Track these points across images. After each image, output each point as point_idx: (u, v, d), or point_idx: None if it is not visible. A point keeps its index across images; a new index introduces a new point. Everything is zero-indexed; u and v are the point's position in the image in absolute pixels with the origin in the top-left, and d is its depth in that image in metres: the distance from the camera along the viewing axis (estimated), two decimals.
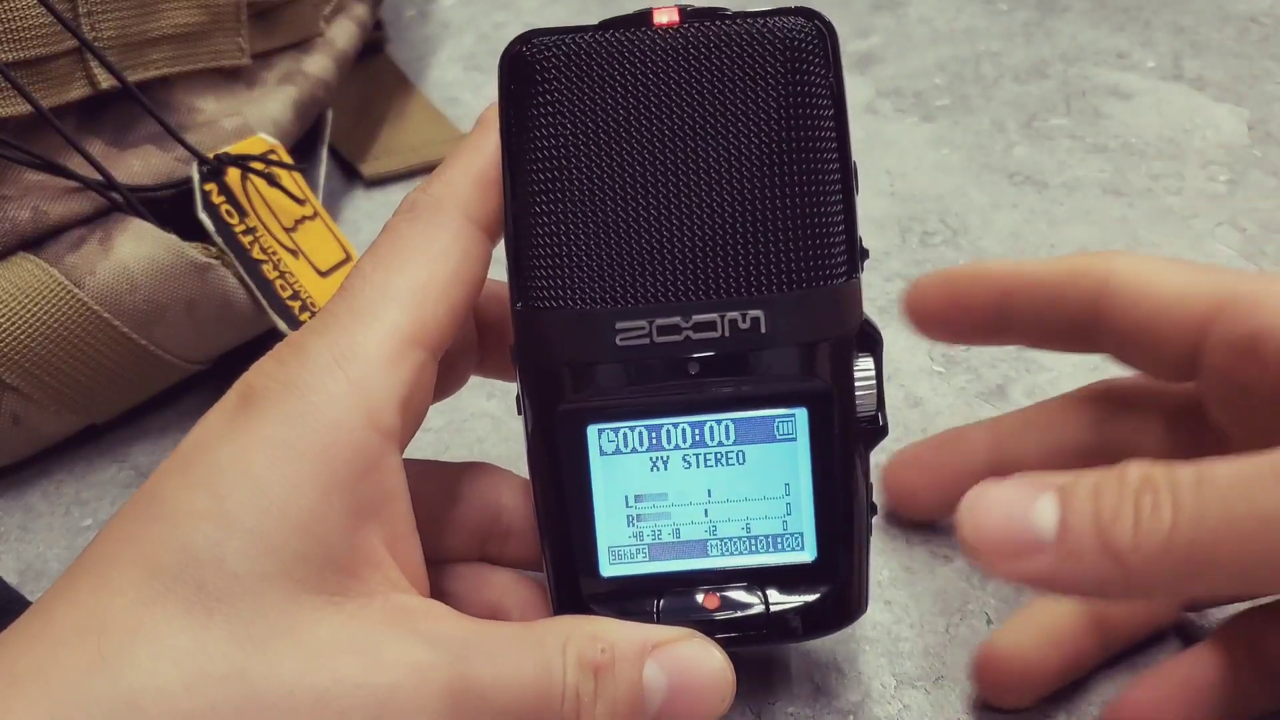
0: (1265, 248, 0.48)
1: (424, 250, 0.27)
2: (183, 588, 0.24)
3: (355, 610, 0.25)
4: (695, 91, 0.27)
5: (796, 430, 0.28)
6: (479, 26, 0.64)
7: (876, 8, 0.64)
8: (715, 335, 0.27)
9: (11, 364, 0.36)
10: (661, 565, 0.29)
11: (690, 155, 0.27)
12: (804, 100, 0.27)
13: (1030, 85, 0.58)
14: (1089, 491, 0.24)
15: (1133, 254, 0.31)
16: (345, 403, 0.25)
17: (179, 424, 0.42)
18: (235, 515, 0.24)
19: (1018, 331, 0.32)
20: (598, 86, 0.27)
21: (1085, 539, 0.24)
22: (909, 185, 0.52)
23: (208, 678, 0.23)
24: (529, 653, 0.25)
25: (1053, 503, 0.24)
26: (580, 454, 0.28)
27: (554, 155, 0.27)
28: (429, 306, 0.27)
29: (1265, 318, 0.28)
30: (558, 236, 0.27)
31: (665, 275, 0.27)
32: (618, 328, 0.27)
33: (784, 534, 0.29)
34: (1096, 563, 0.24)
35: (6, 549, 0.38)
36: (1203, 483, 0.23)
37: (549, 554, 0.29)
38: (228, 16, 0.42)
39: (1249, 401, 0.29)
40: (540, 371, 0.28)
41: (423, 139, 0.55)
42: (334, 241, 0.44)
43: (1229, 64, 0.58)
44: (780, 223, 0.27)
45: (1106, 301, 0.31)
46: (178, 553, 0.24)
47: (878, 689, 0.33)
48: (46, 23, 0.36)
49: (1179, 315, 0.30)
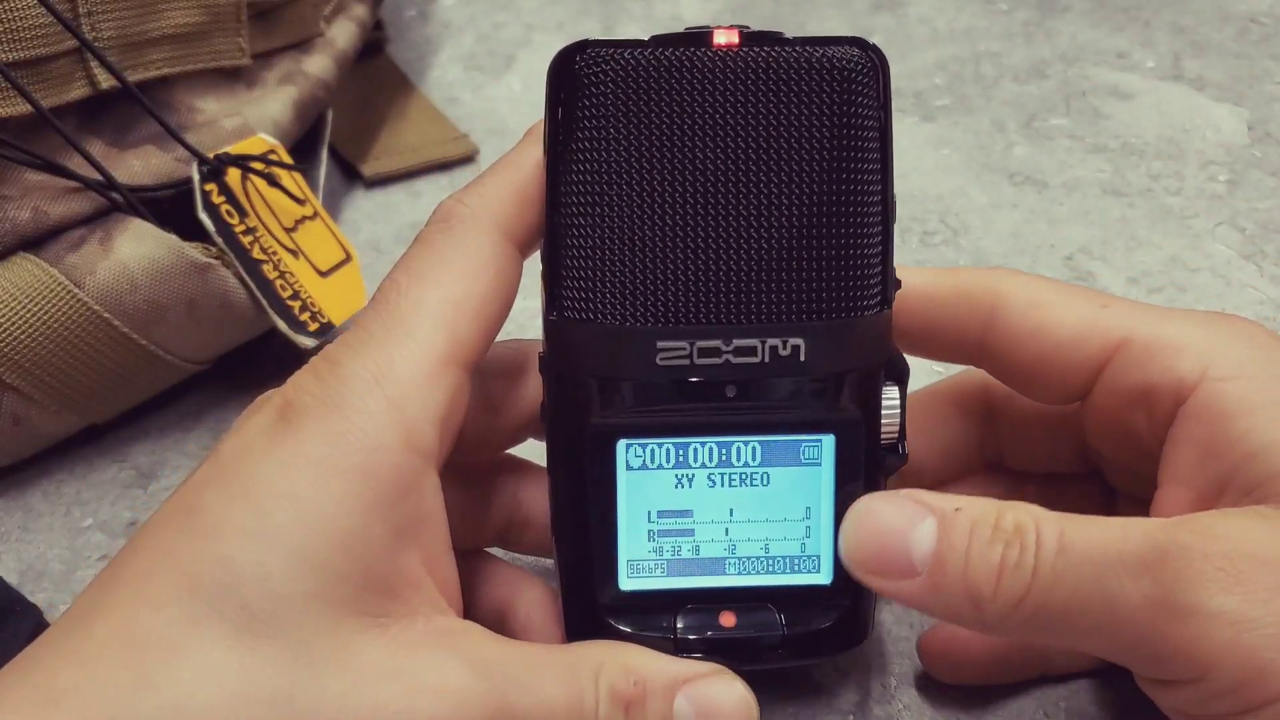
0: (1265, 248, 0.48)
1: (458, 265, 0.27)
2: (226, 606, 0.23)
3: (398, 633, 0.25)
4: (749, 116, 0.27)
5: (822, 456, 0.29)
6: (479, 26, 0.64)
7: (876, 8, 0.64)
8: (755, 360, 0.27)
9: (12, 364, 0.36)
10: (679, 581, 0.29)
11: (739, 179, 0.27)
12: (854, 130, 0.27)
13: (1030, 85, 0.58)
14: (966, 528, 0.25)
15: (1020, 277, 0.30)
16: (383, 422, 0.25)
17: (179, 424, 0.42)
18: (279, 534, 0.24)
19: (898, 334, 0.30)
20: (652, 103, 0.27)
21: (952, 578, 0.25)
22: (909, 185, 0.52)
23: (253, 700, 0.23)
24: (563, 682, 0.25)
25: (932, 532, 0.25)
26: (608, 467, 0.28)
27: (602, 168, 0.27)
28: (463, 324, 0.27)
29: (1158, 372, 0.28)
30: (599, 250, 0.27)
31: (709, 297, 0.27)
32: (659, 347, 0.27)
33: (801, 556, 0.29)
34: (958, 602, 0.25)
35: (7, 549, 0.38)
36: (1062, 552, 0.24)
37: (564, 563, 0.29)
38: (228, 16, 0.42)
39: (1131, 444, 0.29)
40: (573, 384, 0.28)
41: (423, 139, 0.55)
42: (334, 241, 0.44)
43: (1229, 64, 0.58)
44: (824, 251, 0.27)
45: (995, 334, 0.30)
46: (220, 569, 0.24)
47: (878, 689, 0.33)
48: (46, 23, 0.36)
49: (1072, 358, 0.29)
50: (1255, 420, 0.26)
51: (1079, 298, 0.29)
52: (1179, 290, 0.46)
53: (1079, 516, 0.25)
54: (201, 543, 0.24)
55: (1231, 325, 0.28)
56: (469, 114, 0.57)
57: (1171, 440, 0.28)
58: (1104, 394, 0.29)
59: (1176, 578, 0.24)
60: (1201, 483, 0.27)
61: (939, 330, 0.30)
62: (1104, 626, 0.24)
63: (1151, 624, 0.24)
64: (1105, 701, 0.32)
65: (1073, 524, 0.25)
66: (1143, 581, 0.24)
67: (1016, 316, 0.29)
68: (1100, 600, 0.24)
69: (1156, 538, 0.24)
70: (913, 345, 0.31)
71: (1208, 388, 0.27)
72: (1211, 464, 0.27)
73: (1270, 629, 0.23)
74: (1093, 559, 0.24)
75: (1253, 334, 0.28)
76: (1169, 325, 0.28)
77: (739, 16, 0.64)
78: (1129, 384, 0.28)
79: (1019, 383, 0.31)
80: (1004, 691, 0.33)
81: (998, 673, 0.32)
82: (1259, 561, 0.24)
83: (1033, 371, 0.30)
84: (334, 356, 0.26)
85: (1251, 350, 0.27)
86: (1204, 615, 0.23)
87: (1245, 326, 0.28)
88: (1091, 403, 0.30)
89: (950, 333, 0.30)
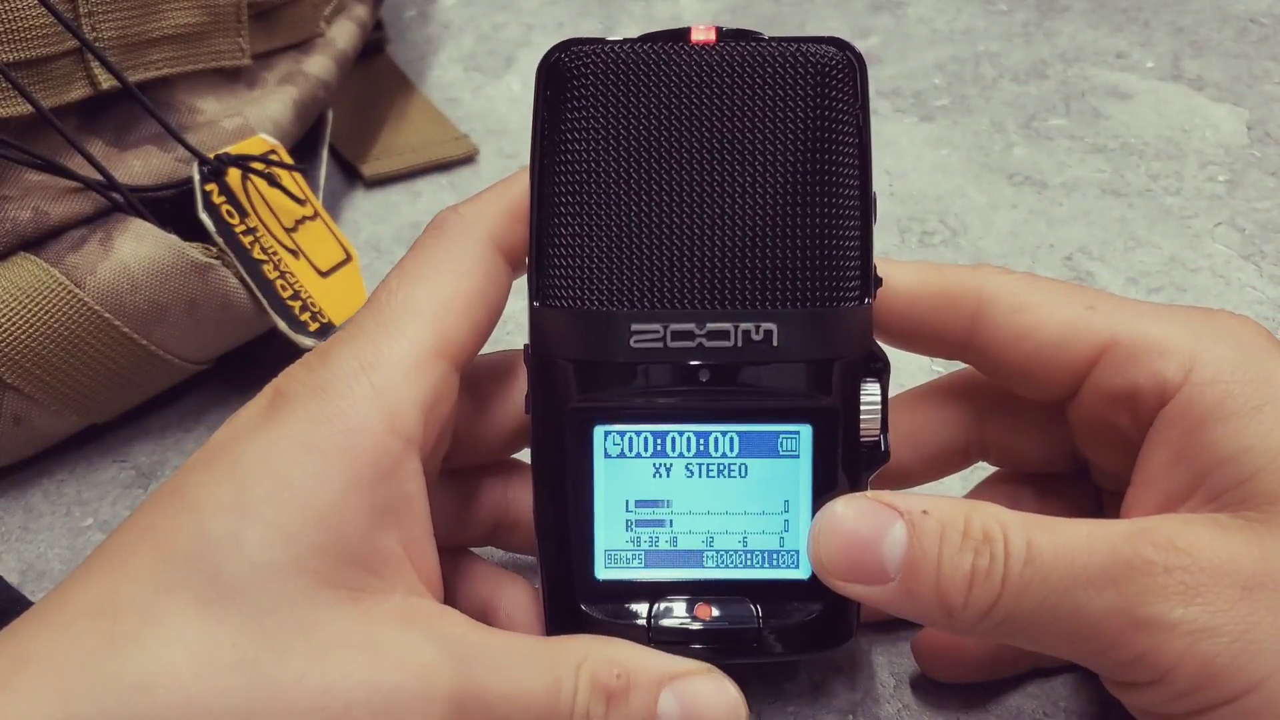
0: (1264, 248, 0.48)
1: (448, 267, 0.28)
2: (197, 575, 0.24)
3: (370, 607, 0.25)
4: (725, 107, 0.27)
5: (800, 448, 0.29)
6: (479, 26, 0.64)
7: (876, 8, 0.64)
8: (728, 344, 0.27)
9: (12, 364, 0.36)
10: (656, 573, 0.29)
11: (715, 167, 0.27)
12: (829, 124, 0.27)
13: (1030, 85, 0.58)
14: (936, 534, 0.26)
15: (1005, 277, 0.30)
16: (367, 406, 0.26)
17: (179, 424, 0.42)
18: (256, 507, 0.24)
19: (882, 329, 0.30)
20: (630, 93, 0.27)
21: (926, 586, 0.26)
22: (908, 185, 0.52)
23: (216, 666, 0.23)
24: (540, 668, 0.25)
25: (902, 536, 0.26)
26: (585, 454, 0.29)
27: (582, 157, 0.27)
28: (451, 321, 0.27)
29: (1142, 375, 0.28)
30: (579, 237, 0.28)
31: (682, 282, 0.27)
32: (632, 329, 0.27)
33: (780, 550, 0.29)
34: (930, 607, 0.26)
35: (7, 549, 0.38)
36: (1030, 562, 0.25)
37: (544, 553, 0.30)
38: (228, 17, 0.42)
39: (1117, 445, 0.30)
40: (553, 369, 0.28)
41: (423, 139, 0.55)
42: (334, 241, 0.44)
43: (1228, 64, 0.58)
44: (798, 240, 0.27)
45: (980, 336, 0.30)
46: (195, 541, 0.24)
47: (878, 689, 0.33)
48: (47, 23, 0.36)
49: (1058, 362, 0.29)
50: (1228, 427, 0.26)
51: (1064, 299, 0.29)
52: (1179, 290, 0.46)
53: (1045, 521, 0.26)
54: (181, 517, 0.25)
55: (1217, 324, 0.28)
56: (469, 114, 0.58)
57: (1148, 441, 0.28)
58: (1090, 396, 0.29)
59: (1139, 591, 0.25)
60: (1170, 486, 0.27)
61: (924, 328, 0.30)
62: (1070, 634, 0.25)
63: (1115, 633, 0.25)
64: (1105, 701, 0.32)
65: (1039, 530, 0.25)
66: (1107, 593, 0.25)
67: (1001, 319, 0.29)
68: (1067, 610, 0.25)
69: (1121, 550, 0.25)
70: (898, 341, 0.31)
71: (1188, 393, 0.27)
72: (1182, 468, 0.27)
73: (1225, 637, 0.24)
74: (1059, 570, 0.25)
75: (1237, 332, 0.28)
76: (1154, 326, 0.28)
77: (739, 17, 0.64)
78: (1114, 386, 0.28)
79: (1006, 381, 0.31)
80: (1004, 691, 0.33)
81: (992, 670, 0.32)
82: (1217, 573, 0.25)
83: (1019, 373, 0.30)
84: (325, 349, 0.27)
85: (1234, 351, 0.27)
86: (1164, 626, 0.24)
87: (1231, 324, 0.28)
88: (1078, 404, 0.30)
89: (935, 331, 0.30)
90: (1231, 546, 0.25)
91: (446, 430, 0.29)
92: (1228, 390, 0.27)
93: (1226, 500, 0.26)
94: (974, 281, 0.30)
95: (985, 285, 0.30)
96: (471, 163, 0.55)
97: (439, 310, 0.27)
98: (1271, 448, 0.26)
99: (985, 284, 0.30)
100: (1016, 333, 0.29)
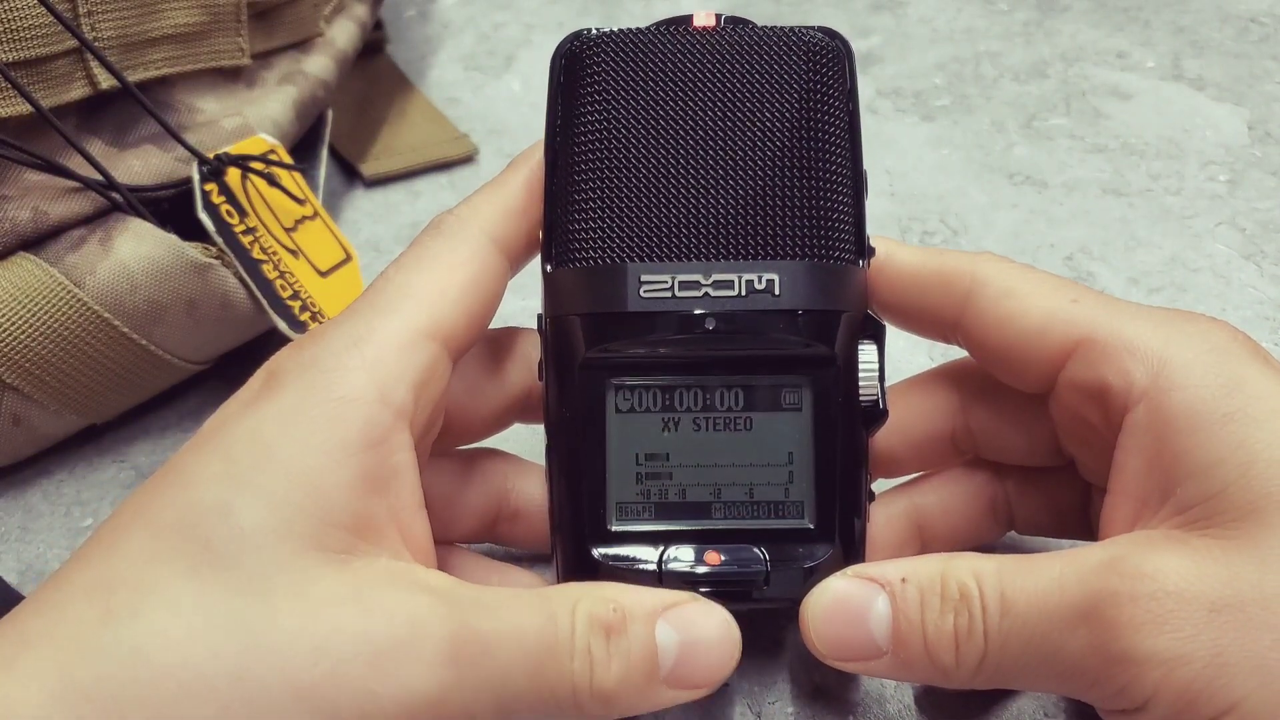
0: (1265, 247, 0.48)
1: (444, 258, 0.29)
2: (189, 545, 0.24)
3: (360, 567, 0.25)
4: (727, 80, 0.30)
5: (803, 401, 0.30)
6: (479, 26, 0.64)
7: (876, 8, 0.64)
8: (733, 294, 0.29)
9: (12, 364, 0.36)
10: (666, 525, 0.30)
11: (717, 135, 0.29)
12: (820, 97, 0.30)
13: (1030, 85, 0.58)
14: (917, 601, 0.27)
15: (1000, 263, 0.30)
16: (357, 377, 0.26)
17: (179, 424, 0.42)
18: (244, 475, 0.25)
19: (881, 305, 0.31)
20: (641, 69, 0.30)
21: (916, 654, 0.27)
22: (909, 185, 0.52)
23: (211, 628, 0.24)
24: (534, 609, 0.26)
25: (885, 610, 0.27)
26: (598, 409, 0.30)
27: (598, 126, 0.30)
28: (445, 306, 0.28)
29: (1112, 374, 0.28)
30: (594, 199, 0.29)
31: (689, 236, 0.29)
32: (642, 280, 0.29)
33: (785, 501, 0.30)
34: (925, 671, 0.27)
35: (7, 549, 0.38)
36: (1005, 614, 0.26)
37: (557, 507, 0.30)
38: (228, 16, 0.42)
39: (1090, 440, 0.30)
40: (565, 326, 0.30)
41: (423, 139, 0.55)
42: (334, 241, 0.44)
43: (1229, 64, 0.58)
44: (794, 198, 0.29)
45: (969, 318, 0.30)
46: (185, 511, 0.25)
47: (878, 689, 0.33)
48: (46, 23, 0.36)
49: (1036, 350, 0.29)
50: (1196, 439, 0.26)
51: (1052, 290, 0.30)
52: (1179, 290, 0.46)
53: (1020, 565, 0.26)
54: (171, 493, 0.25)
55: (1192, 327, 0.28)
56: (469, 114, 0.58)
57: (1121, 447, 0.28)
58: (1065, 389, 0.30)
59: (1109, 626, 0.25)
60: (1143, 495, 0.27)
61: (918, 307, 0.31)
62: (1056, 675, 0.26)
63: (1095, 670, 0.25)
64: None
65: (1012, 577, 0.26)
66: (1080, 633, 0.25)
67: (989, 302, 0.30)
68: (1047, 653, 0.26)
69: (1090, 584, 0.25)
70: (895, 318, 0.32)
71: (1155, 398, 0.27)
72: (1153, 478, 0.27)
73: (1198, 663, 0.24)
74: (1034, 616, 0.26)
75: (1211, 336, 0.28)
76: (1130, 325, 0.28)
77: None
78: (1086, 381, 0.29)
79: (991, 366, 0.31)
80: (1004, 692, 0.33)
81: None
82: (1184, 597, 0.25)
83: (1002, 358, 0.31)
84: (318, 330, 0.28)
85: (1206, 356, 0.27)
86: (1137, 659, 0.25)
87: (1206, 327, 0.28)
88: (1055, 397, 0.30)
89: (928, 311, 0.31)
90: (1199, 568, 0.25)
91: (438, 413, 0.29)
92: (1197, 395, 0.27)
93: (1196, 515, 0.26)
94: (970, 264, 0.31)
95: (979, 268, 0.30)
96: (471, 162, 0.55)
97: (434, 295, 0.28)
98: (1241, 461, 0.26)
99: (980, 267, 0.30)
100: (1001, 316, 0.30)
